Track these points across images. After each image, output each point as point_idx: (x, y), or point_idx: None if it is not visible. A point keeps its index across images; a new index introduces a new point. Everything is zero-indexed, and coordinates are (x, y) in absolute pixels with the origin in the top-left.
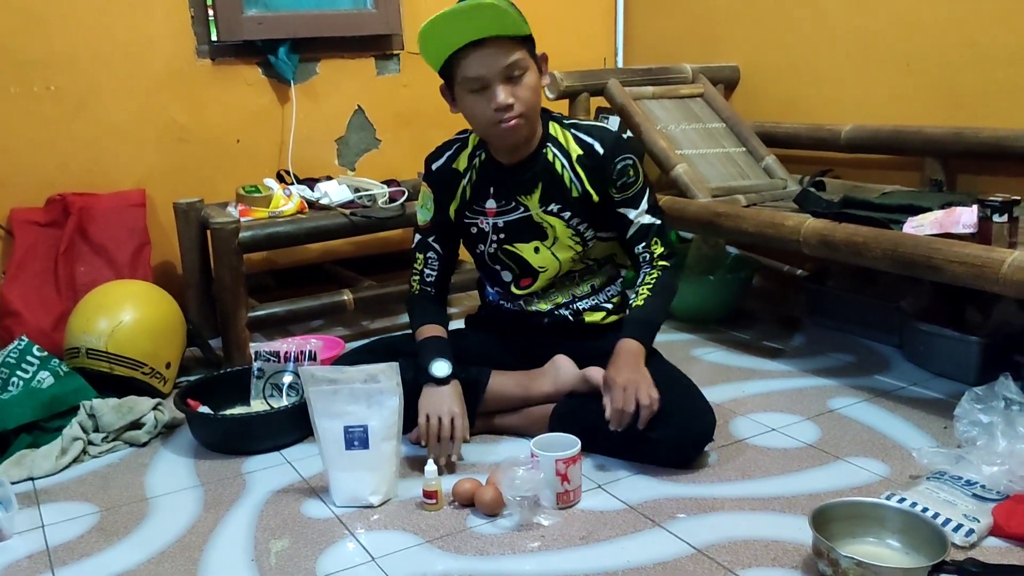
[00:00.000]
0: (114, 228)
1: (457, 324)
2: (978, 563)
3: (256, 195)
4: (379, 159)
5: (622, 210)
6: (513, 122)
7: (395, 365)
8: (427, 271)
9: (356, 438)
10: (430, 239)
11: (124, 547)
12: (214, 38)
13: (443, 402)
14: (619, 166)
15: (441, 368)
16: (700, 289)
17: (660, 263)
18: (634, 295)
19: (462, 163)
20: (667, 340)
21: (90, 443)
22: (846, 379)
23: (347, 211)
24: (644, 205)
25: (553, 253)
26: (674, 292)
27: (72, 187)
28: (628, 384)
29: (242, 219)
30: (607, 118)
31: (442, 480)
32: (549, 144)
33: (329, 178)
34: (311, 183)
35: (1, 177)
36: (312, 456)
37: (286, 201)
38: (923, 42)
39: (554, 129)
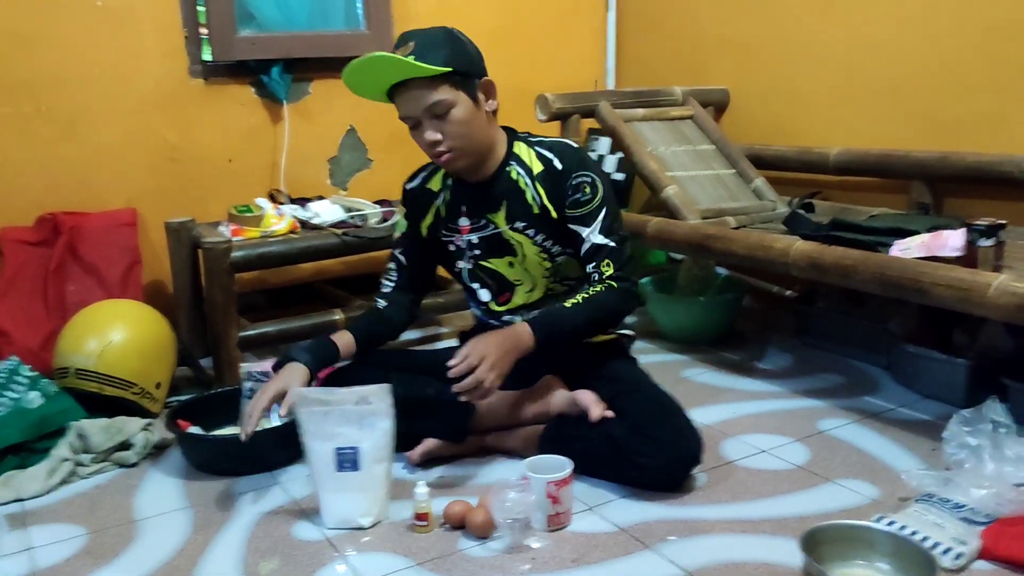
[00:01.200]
0: (105, 247)
1: (451, 342)
2: None
3: (248, 214)
4: (371, 179)
5: (574, 227)
6: (444, 157)
7: (387, 386)
8: (385, 281)
9: (347, 460)
10: (396, 251)
11: (112, 570)
12: (207, 58)
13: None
14: (575, 182)
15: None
16: (690, 310)
17: (608, 282)
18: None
19: (436, 183)
20: (657, 361)
21: (79, 464)
22: (835, 400)
23: (339, 231)
24: (598, 225)
25: (525, 268)
26: (612, 312)
27: (63, 206)
28: (474, 353)
29: (234, 238)
30: (597, 139)
31: (433, 502)
32: (513, 163)
33: (321, 198)
34: (303, 203)
35: None
36: (303, 477)
37: (278, 220)
38: (908, 70)
39: (518, 148)
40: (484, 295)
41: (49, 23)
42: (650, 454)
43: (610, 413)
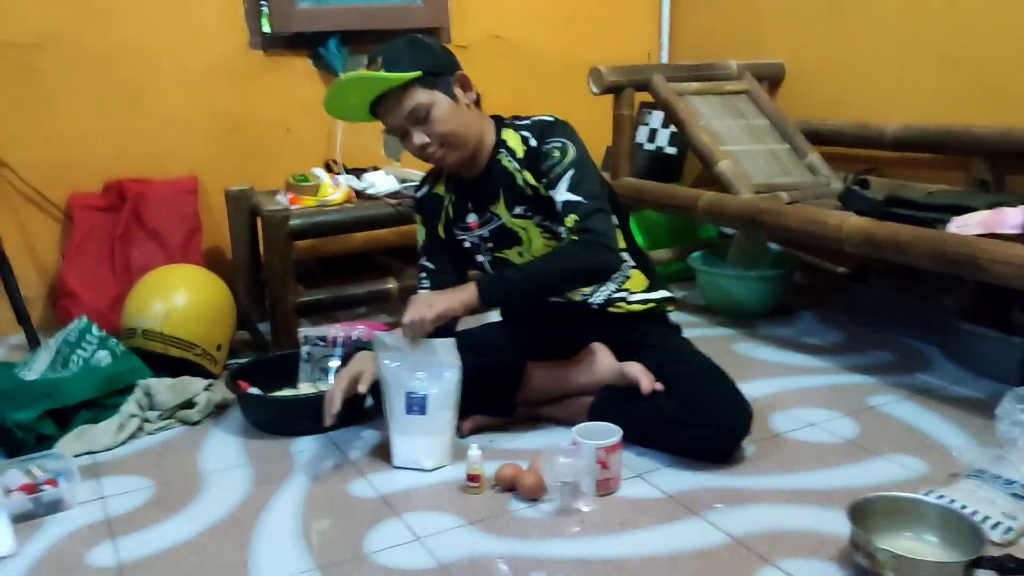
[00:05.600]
0: (167, 214)
1: (495, 316)
2: (1015, 559)
3: (305, 184)
4: None
5: (551, 193)
6: (436, 156)
7: (453, 341)
8: (420, 291)
9: (416, 404)
10: (422, 259)
11: (179, 520)
12: (266, 29)
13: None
14: (545, 149)
15: None
16: (741, 284)
17: (571, 236)
18: None
19: (441, 187)
20: (707, 334)
21: (146, 420)
22: (886, 377)
23: (393, 201)
24: (564, 183)
25: (534, 255)
26: (573, 260)
27: (129, 173)
28: (416, 312)
29: (291, 207)
30: (650, 112)
31: (485, 464)
32: (502, 150)
33: (376, 168)
34: (358, 173)
35: (62, 163)
36: (358, 439)
37: (334, 190)
38: (971, 41)
39: (507, 134)
40: None
41: None
42: (700, 425)
43: (659, 386)
